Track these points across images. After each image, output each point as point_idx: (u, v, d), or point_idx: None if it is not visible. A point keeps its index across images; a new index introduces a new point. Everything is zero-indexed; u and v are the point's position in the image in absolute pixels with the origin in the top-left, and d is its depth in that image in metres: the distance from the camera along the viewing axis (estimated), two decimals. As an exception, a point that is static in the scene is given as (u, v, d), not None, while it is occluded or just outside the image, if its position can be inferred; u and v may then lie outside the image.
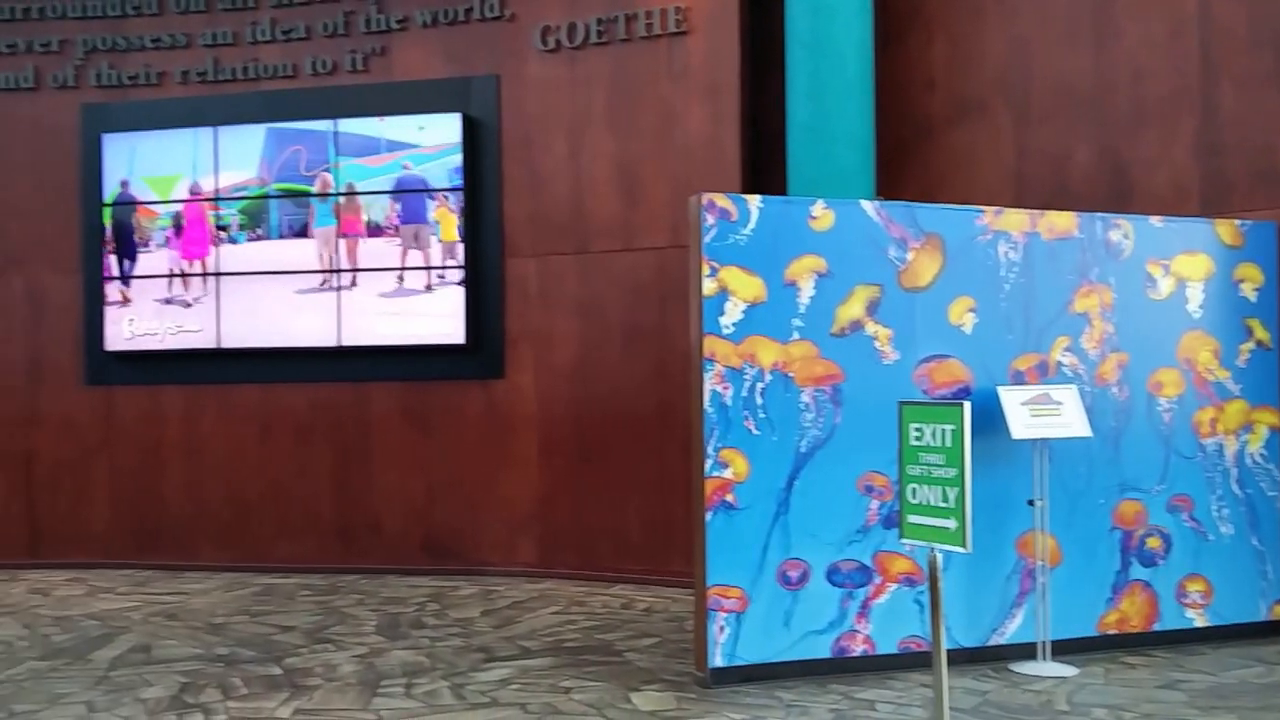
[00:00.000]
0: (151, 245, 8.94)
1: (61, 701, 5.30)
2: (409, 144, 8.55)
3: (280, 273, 8.71)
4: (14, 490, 9.24)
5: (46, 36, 9.24)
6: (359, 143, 8.65)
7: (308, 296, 8.68)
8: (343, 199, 8.64)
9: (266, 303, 8.74)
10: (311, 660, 6.02)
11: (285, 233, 8.75)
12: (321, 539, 8.80)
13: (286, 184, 8.75)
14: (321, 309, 8.66)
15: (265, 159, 8.78)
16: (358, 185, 8.62)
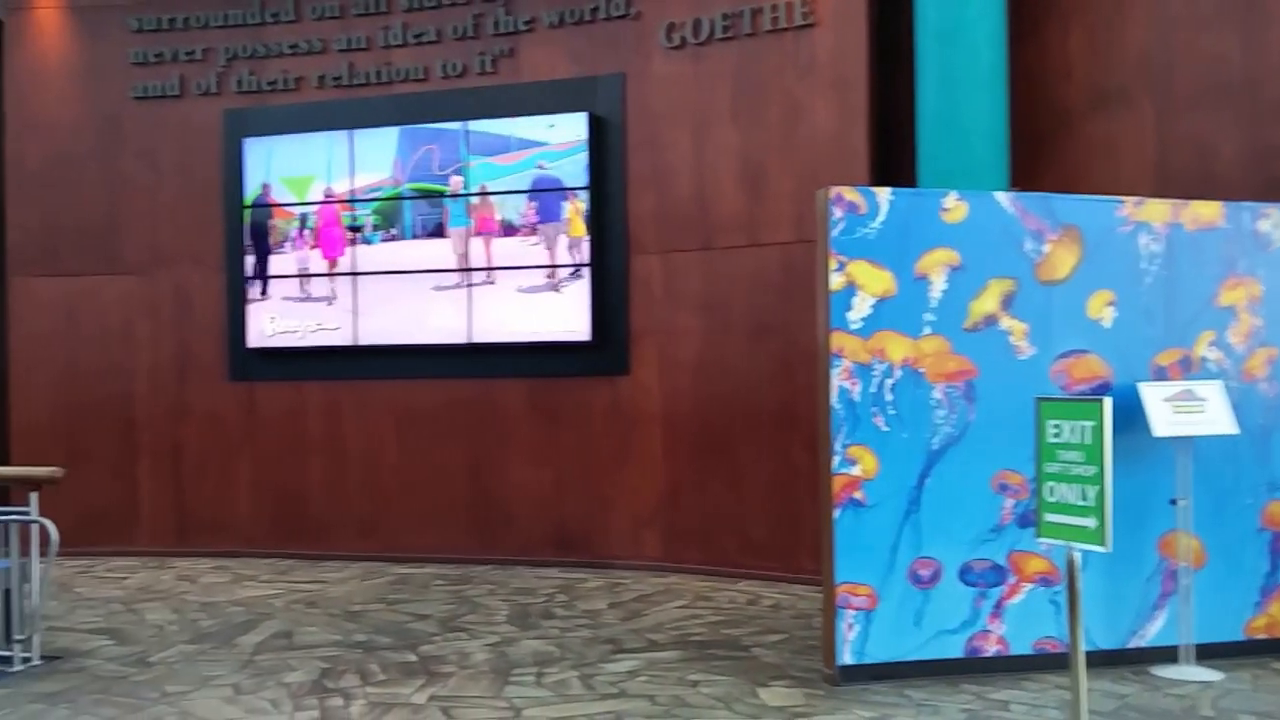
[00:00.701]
0: (290, 245, 9.27)
1: (210, 684, 5.55)
2: (538, 142, 8.66)
3: (414, 271, 8.94)
4: (163, 481, 9.68)
5: (191, 46, 9.65)
6: (490, 142, 8.80)
7: (441, 294, 8.89)
8: (476, 199, 8.81)
9: (401, 300, 8.98)
10: (445, 648, 6.17)
11: (419, 233, 8.97)
12: (454, 530, 9.00)
13: (420, 184, 8.97)
14: (454, 306, 8.86)
15: (399, 159, 9.02)
16: (490, 185, 8.77)
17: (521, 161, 8.71)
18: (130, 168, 9.72)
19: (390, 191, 9.04)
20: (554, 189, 8.62)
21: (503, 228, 8.74)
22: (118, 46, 9.73)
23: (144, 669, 5.88)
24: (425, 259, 8.92)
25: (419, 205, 8.96)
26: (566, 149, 8.59)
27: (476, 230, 8.80)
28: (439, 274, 8.89)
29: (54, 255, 9.82)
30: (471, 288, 8.82)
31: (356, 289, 9.09)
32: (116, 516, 9.59)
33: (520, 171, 8.72)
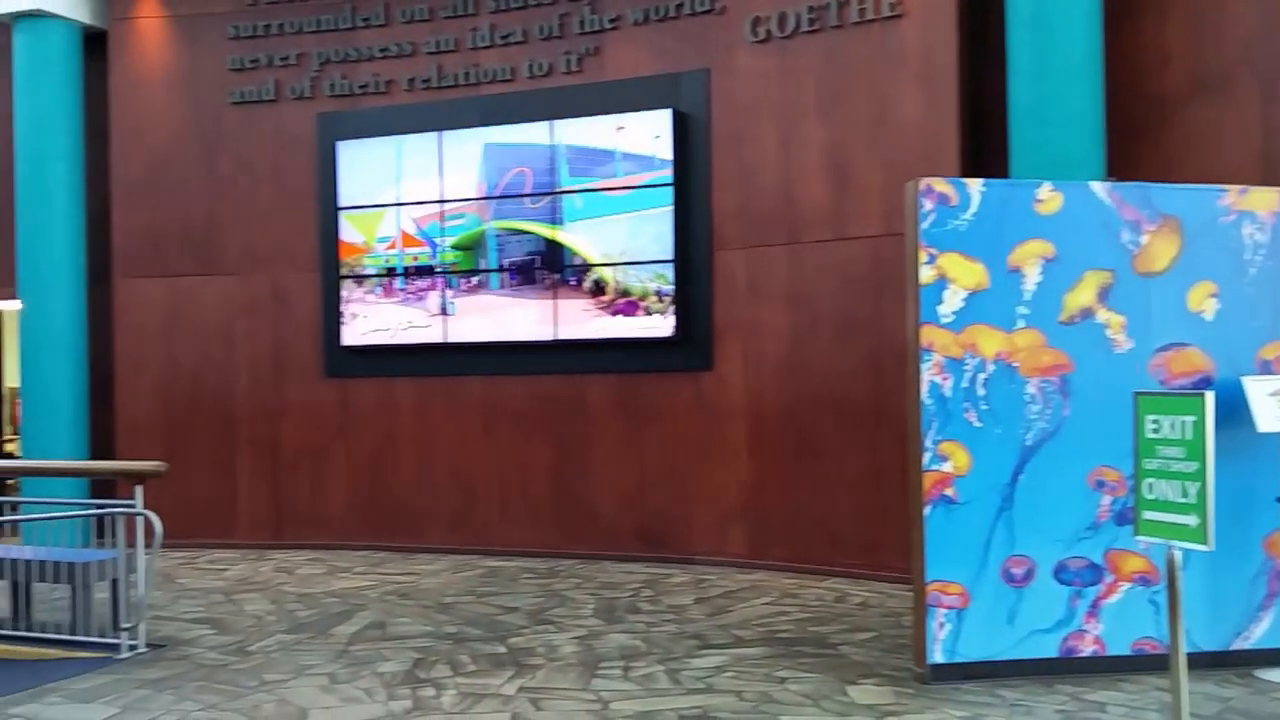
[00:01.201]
0: (381, 246, 9.44)
1: (307, 673, 5.68)
2: (642, 155, 8.62)
3: (501, 269, 9.04)
4: (261, 475, 9.94)
5: (285, 51, 9.89)
6: (584, 159, 8.81)
7: (528, 288, 8.99)
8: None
9: (488, 298, 9.09)
10: (534, 640, 6.23)
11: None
12: (541, 524, 9.10)
13: (509, 222, 9.02)
14: (540, 304, 8.94)
15: (484, 180, 9.09)
16: (580, 203, 8.79)
17: (621, 196, 8.68)
18: (228, 172, 10.00)
19: (475, 229, 9.14)
20: (644, 209, 8.60)
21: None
22: (216, 54, 10.02)
23: (243, 657, 6.04)
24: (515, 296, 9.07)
25: (507, 245, 9.05)
26: (653, 179, 8.58)
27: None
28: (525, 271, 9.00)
29: (157, 257, 10.14)
30: (558, 288, 8.88)
31: (445, 286, 9.23)
32: (217, 510, 9.88)
33: (622, 212, 8.67)
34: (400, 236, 9.39)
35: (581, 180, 8.81)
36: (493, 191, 9.09)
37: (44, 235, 9.97)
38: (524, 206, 8.99)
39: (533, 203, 8.93)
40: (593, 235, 8.77)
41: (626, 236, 8.66)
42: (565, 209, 8.86)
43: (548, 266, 8.91)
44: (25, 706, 5.20)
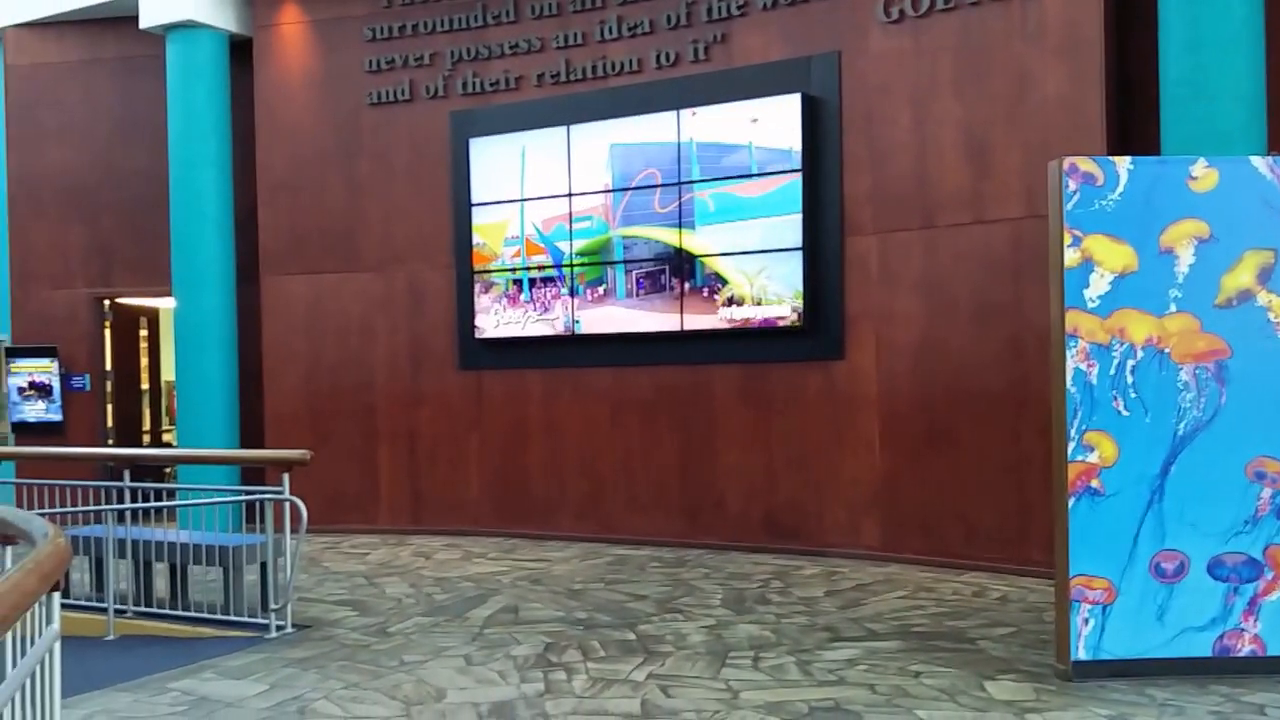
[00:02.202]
0: (508, 253, 9.58)
1: (444, 654, 5.80)
2: (776, 149, 8.50)
3: (627, 261, 9.08)
4: (399, 463, 10.21)
5: (419, 51, 10.11)
6: (716, 156, 8.74)
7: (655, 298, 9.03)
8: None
9: (615, 310, 9.16)
10: (663, 628, 6.24)
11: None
12: (669, 514, 9.11)
13: (636, 229, 9.04)
14: (666, 295, 8.94)
15: (612, 182, 9.13)
16: (713, 205, 8.73)
17: (757, 199, 8.59)
18: (366, 171, 10.28)
19: (602, 235, 9.20)
20: (772, 216, 8.52)
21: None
22: (354, 56, 10.31)
23: (384, 639, 6.20)
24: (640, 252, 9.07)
25: (635, 251, 9.07)
26: (786, 182, 8.48)
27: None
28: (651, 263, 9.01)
29: (300, 255, 10.50)
30: (686, 297, 8.86)
31: (574, 279, 9.31)
32: (358, 496, 10.19)
33: (755, 216, 8.57)
34: (525, 244, 9.49)
35: (713, 183, 8.75)
36: (620, 195, 9.11)
37: (196, 236, 10.42)
38: (652, 211, 8.98)
39: (661, 205, 8.92)
40: (724, 240, 8.71)
41: (760, 240, 8.56)
42: (696, 211, 8.81)
43: (676, 274, 8.88)
44: (182, 682, 5.44)
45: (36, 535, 3.41)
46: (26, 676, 2.67)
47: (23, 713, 2.63)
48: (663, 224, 8.95)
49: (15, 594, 2.55)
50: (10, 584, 2.59)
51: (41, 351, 11.65)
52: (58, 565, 3.06)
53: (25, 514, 3.92)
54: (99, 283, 11.70)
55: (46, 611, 3.01)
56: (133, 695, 5.23)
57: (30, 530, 3.54)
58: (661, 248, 8.95)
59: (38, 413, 11.64)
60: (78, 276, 11.70)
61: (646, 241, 9.01)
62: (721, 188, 8.71)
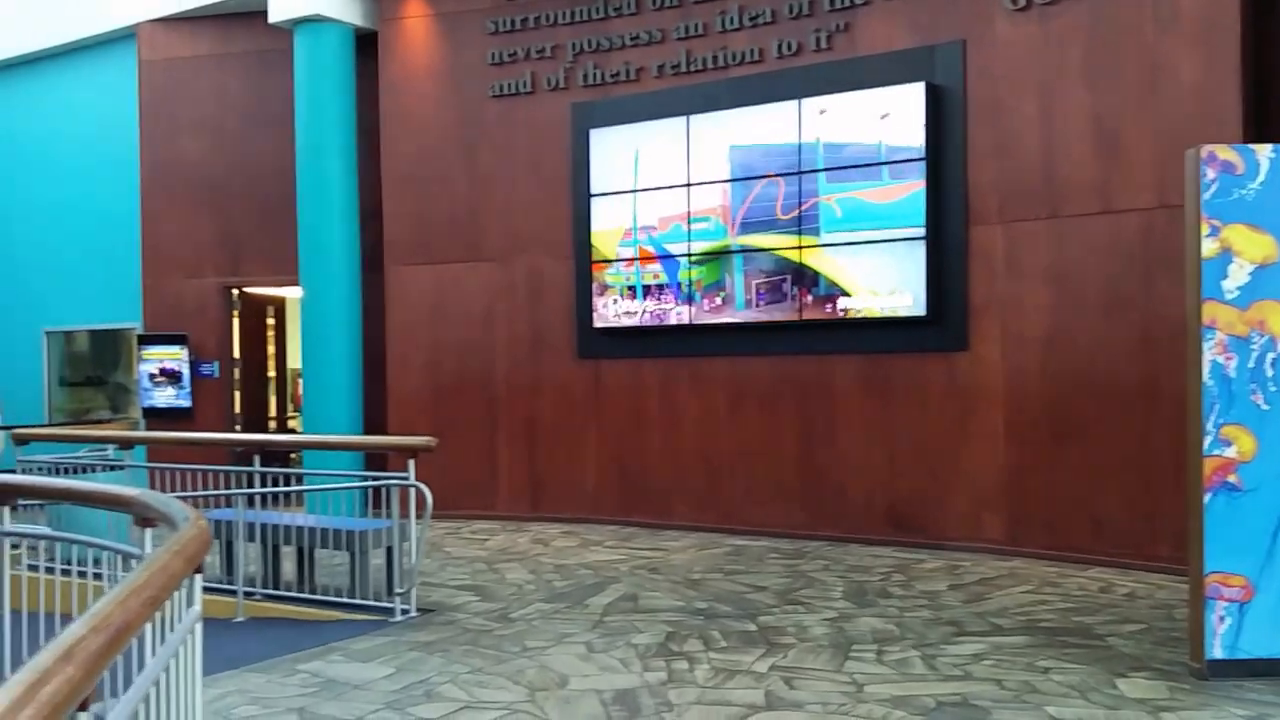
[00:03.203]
0: (630, 232, 9.63)
1: (565, 641, 5.88)
2: (901, 144, 8.38)
3: (747, 251, 9.05)
4: (518, 451, 10.37)
5: (541, 44, 10.22)
6: (837, 155, 8.62)
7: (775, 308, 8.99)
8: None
9: (734, 299, 9.13)
10: (784, 620, 6.23)
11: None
12: (787, 505, 9.07)
13: (756, 237, 8.98)
14: (787, 306, 8.89)
15: (731, 181, 9.11)
16: (839, 211, 8.63)
17: (888, 203, 8.47)
18: (488, 162, 10.45)
19: (720, 240, 9.18)
20: (894, 234, 8.40)
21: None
22: (477, 49, 10.47)
23: (506, 624, 6.32)
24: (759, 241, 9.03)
25: (754, 263, 9.03)
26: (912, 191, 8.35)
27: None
28: (770, 254, 8.96)
29: (424, 246, 10.73)
30: (806, 290, 8.80)
31: (691, 269, 9.33)
32: (478, 483, 10.38)
33: (887, 228, 8.42)
34: (639, 251, 9.53)
35: (839, 187, 8.63)
36: (740, 201, 9.06)
37: (322, 227, 10.72)
38: (774, 215, 8.91)
39: (784, 211, 8.86)
40: (849, 253, 8.60)
41: (884, 237, 8.46)
42: (820, 215, 8.71)
43: (798, 283, 8.82)
44: (311, 664, 5.61)
45: (177, 518, 3.50)
46: (171, 656, 2.74)
47: (167, 691, 2.72)
48: (784, 230, 8.87)
49: (162, 575, 2.62)
50: (158, 566, 2.67)
51: (172, 339, 12.14)
52: (200, 548, 3.14)
53: (164, 497, 4.05)
54: (228, 272, 12.14)
55: (188, 593, 3.10)
56: (264, 676, 5.41)
57: (170, 513, 3.64)
58: (782, 261, 8.87)
59: (168, 398, 12.12)
60: (207, 266, 12.16)
61: (765, 252, 8.95)
62: (848, 192, 8.59)
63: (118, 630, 2.06)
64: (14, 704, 1.51)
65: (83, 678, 1.76)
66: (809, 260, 8.76)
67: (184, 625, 2.98)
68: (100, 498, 4.72)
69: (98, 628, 1.96)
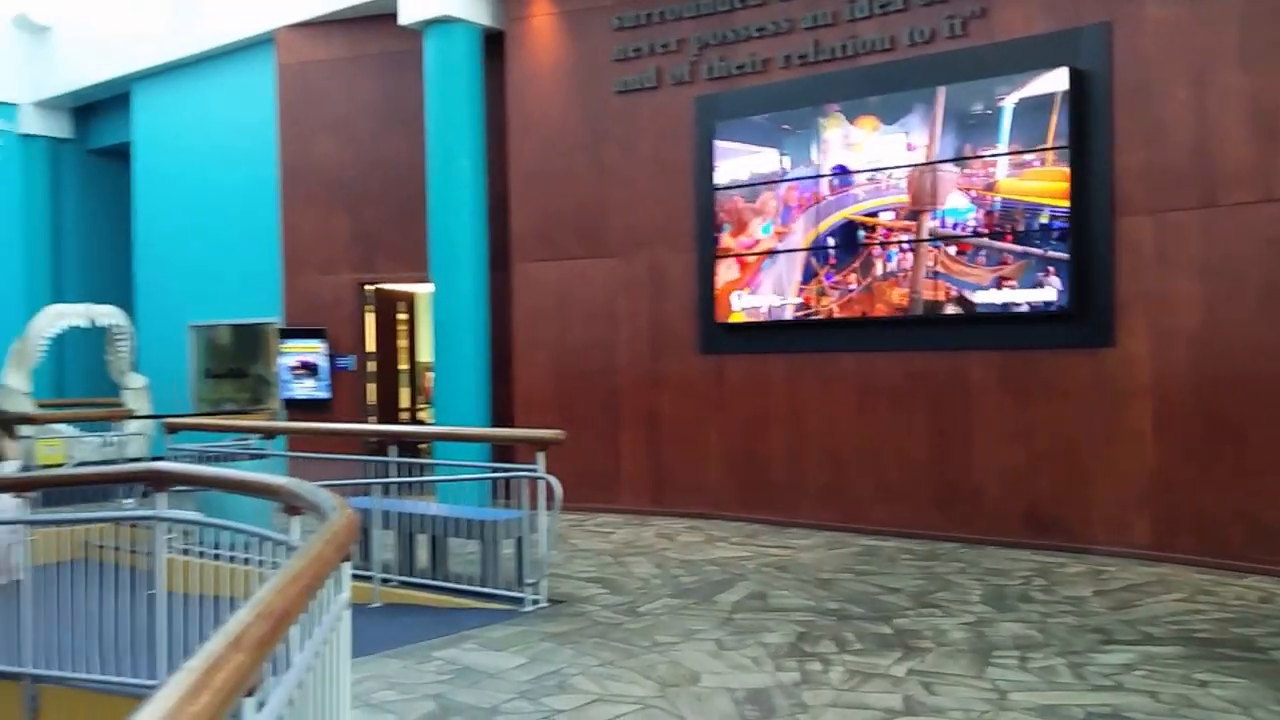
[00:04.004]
0: (755, 225, 9.52)
1: (694, 637, 5.83)
2: (1040, 127, 8.14)
3: (873, 244, 8.86)
4: (641, 445, 10.36)
5: (666, 38, 10.18)
6: (969, 137, 8.41)
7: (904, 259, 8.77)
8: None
9: (863, 273, 8.95)
10: (919, 623, 6.06)
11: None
12: (918, 504, 8.84)
13: (885, 226, 8.83)
14: (916, 277, 8.68)
15: (867, 166, 8.93)
16: (971, 195, 8.45)
17: (1021, 184, 8.21)
18: (612, 158, 10.46)
19: (847, 235, 8.99)
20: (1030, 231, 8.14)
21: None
22: (601, 45, 10.49)
23: (634, 618, 6.30)
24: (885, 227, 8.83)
25: (885, 256, 8.84)
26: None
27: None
28: (899, 245, 8.76)
29: (549, 241, 10.81)
30: (938, 259, 8.58)
31: (820, 263, 9.17)
32: (601, 476, 10.41)
33: (1016, 204, 8.21)
34: (770, 232, 9.41)
35: (967, 166, 8.42)
36: (870, 193, 8.88)
37: (451, 224, 10.89)
38: (908, 209, 8.71)
39: (917, 203, 8.64)
40: (985, 245, 8.38)
41: (1024, 224, 8.19)
42: (952, 199, 8.49)
43: (929, 277, 8.60)
44: (446, 651, 5.69)
45: (326, 508, 3.60)
46: (324, 641, 2.81)
47: (319, 676, 2.77)
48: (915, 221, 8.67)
49: (317, 563, 2.71)
50: (313, 554, 2.75)
51: (310, 333, 12.50)
52: (349, 537, 3.24)
53: (312, 486, 4.14)
54: (362, 269, 12.44)
55: (338, 580, 3.16)
56: (401, 662, 5.51)
57: (319, 503, 3.74)
58: (915, 249, 8.67)
59: (306, 390, 12.48)
60: (343, 263, 12.47)
61: (897, 245, 8.75)
62: (978, 175, 8.35)
63: (279, 617, 2.08)
64: (191, 691, 1.53)
65: (251, 665, 1.78)
66: (942, 253, 8.52)
67: (334, 612, 3.04)
68: (252, 486, 4.86)
69: (262, 614, 1.98)
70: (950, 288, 8.51)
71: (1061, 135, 8.00)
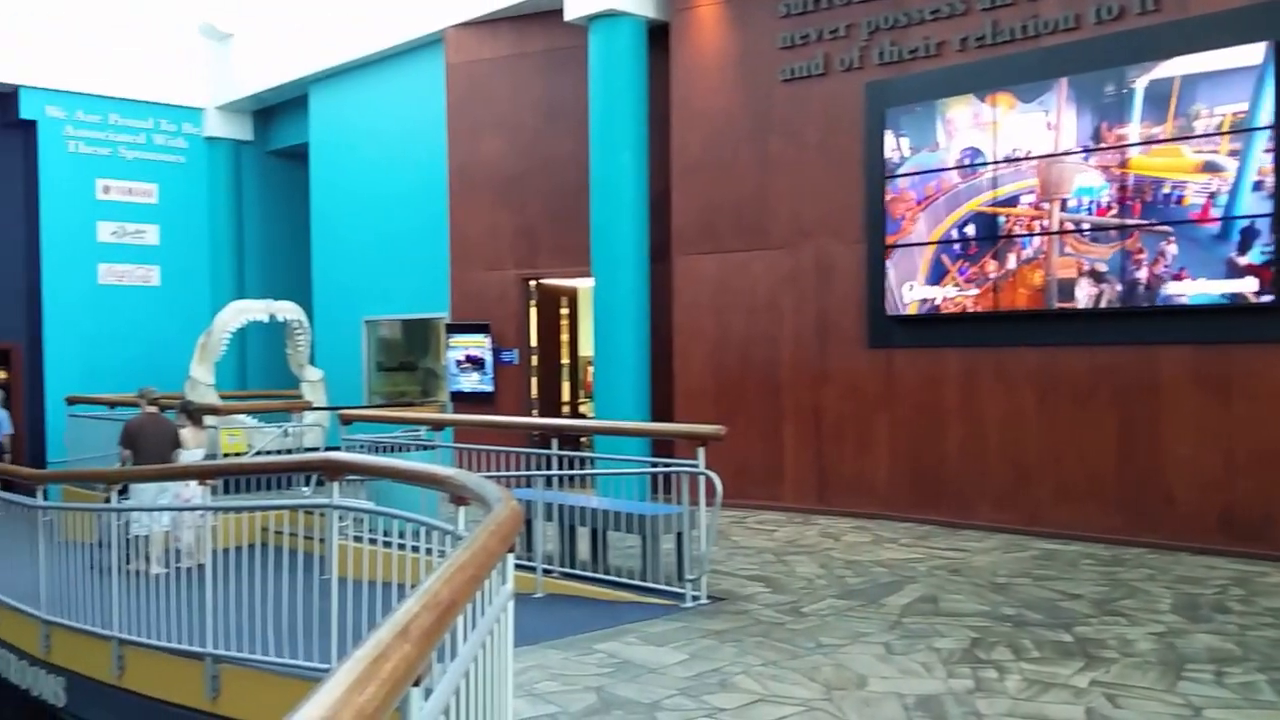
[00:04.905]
0: (928, 214, 9.20)
1: (861, 640, 5.66)
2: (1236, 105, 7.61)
3: (1062, 232, 8.44)
4: (804, 441, 10.15)
5: (834, 24, 9.93)
6: (1166, 128, 7.92)
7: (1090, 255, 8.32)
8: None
9: (1043, 259, 8.54)
10: (1103, 632, 5.73)
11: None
12: (1103, 508, 8.35)
13: (1068, 216, 8.40)
14: (1102, 267, 8.23)
15: (1047, 149, 8.51)
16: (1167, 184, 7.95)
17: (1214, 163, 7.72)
18: (777, 148, 10.29)
19: (1027, 223, 8.56)
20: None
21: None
22: (767, 33, 10.33)
23: (798, 618, 6.16)
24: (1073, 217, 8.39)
25: (1067, 245, 8.41)
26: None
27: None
28: (1088, 234, 8.31)
29: (711, 234, 10.71)
30: (1125, 250, 8.11)
31: (1000, 254, 8.78)
32: (763, 473, 10.25)
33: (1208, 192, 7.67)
34: (938, 235, 9.08)
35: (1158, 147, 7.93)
36: (1052, 179, 8.45)
37: (613, 218, 10.91)
38: (1089, 183, 8.24)
39: (1102, 190, 8.18)
40: (1179, 234, 7.86)
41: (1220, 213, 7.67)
42: (1145, 187, 8.00)
43: (1117, 268, 8.14)
44: (607, 644, 5.69)
45: (491, 499, 3.61)
46: (488, 632, 2.81)
47: (483, 666, 2.77)
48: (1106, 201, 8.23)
49: (482, 554, 2.71)
50: (478, 545, 2.76)
51: (476, 328, 12.74)
52: (513, 528, 3.25)
53: (478, 478, 4.20)
54: (525, 264, 12.62)
55: (502, 571, 3.17)
56: (562, 653, 5.53)
57: (484, 494, 3.77)
58: (1101, 237, 8.22)
59: (472, 383, 12.74)
60: (507, 259, 12.67)
61: (1081, 233, 8.31)
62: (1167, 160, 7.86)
63: (446, 607, 2.06)
64: (359, 681, 1.50)
65: (418, 655, 1.75)
66: (1132, 242, 8.06)
67: (499, 602, 3.05)
68: (420, 476, 4.94)
69: (429, 605, 1.96)
70: (1141, 278, 8.02)
71: (1260, 115, 7.43)
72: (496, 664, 2.97)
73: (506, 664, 3.20)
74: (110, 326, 15.95)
